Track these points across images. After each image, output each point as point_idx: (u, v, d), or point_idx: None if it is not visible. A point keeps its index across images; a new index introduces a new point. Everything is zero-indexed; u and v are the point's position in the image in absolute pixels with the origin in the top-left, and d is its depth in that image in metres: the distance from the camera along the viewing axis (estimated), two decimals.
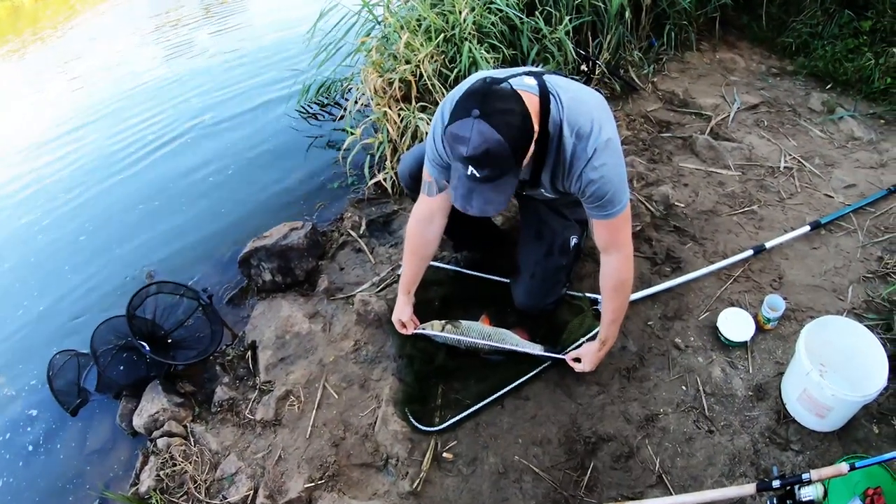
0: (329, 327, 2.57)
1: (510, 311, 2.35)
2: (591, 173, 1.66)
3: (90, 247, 3.54)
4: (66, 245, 3.61)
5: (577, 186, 1.73)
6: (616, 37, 3.66)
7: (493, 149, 1.41)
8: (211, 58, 5.78)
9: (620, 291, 1.94)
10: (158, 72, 5.71)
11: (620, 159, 1.73)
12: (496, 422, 2.12)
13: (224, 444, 2.27)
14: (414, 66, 3.08)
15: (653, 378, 2.20)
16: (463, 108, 1.44)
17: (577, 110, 1.65)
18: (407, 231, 2.11)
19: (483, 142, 1.40)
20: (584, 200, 1.78)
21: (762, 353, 2.25)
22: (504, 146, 1.42)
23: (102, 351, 2.54)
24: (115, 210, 3.79)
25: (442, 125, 1.76)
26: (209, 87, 5.08)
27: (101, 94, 5.59)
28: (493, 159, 1.43)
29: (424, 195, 2.00)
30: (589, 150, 1.64)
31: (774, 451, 1.97)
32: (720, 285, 2.49)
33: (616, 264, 1.88)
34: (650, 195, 2.87)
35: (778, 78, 3.82)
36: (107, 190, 4.00)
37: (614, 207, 1.74)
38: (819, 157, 3.12)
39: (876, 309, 2.36)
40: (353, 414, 2.24)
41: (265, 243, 2.79)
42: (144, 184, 3.97)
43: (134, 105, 5.09)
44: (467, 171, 1.46)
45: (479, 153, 1.41)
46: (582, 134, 1.64)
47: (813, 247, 2.63)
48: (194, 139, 4.36)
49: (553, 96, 1.62)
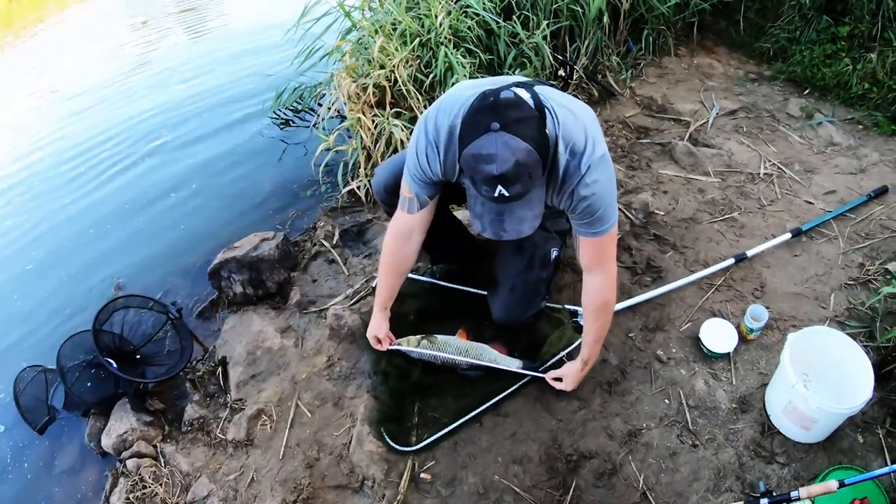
0: (301, 342, 2.49)
1: (488, 325, 2.28)
2: (584, 190, 1.60)
3: (59, 259, 3.43)
4: (35, 258, 3.49)
5: (567, 203, 1.66)
6: (594, 42, 3.62)
7: (522, 160, 1.35)
8: (182, 64, 5.63)
9: (603, 312, 1.88)
10: (126, 79, 5.55)
11: (612, 176, 1.68)
12: (475, 440, 2.05)
13: (195, 466, 2.18)
14: (388, 71, 3.02)
15: (635, 392, 2.15)
16: (478, 125, 1.37)
17: (572, 125, 1.59)
18: (384, 247, 2.02)
19: (511, 154, 1.34)
20: (573, 217, 1.72)
21: (745, 364, 2.21)
22: (533, 154, 1.36)
23: (70, 367, 2.44)
24: (84, 222, 3.67)
25: (425, 138, 1.69)
26: (179, 96, 4.94)
27: (68, 103, 5.43)
28: (523, 172, 1.36)
29: (403, 212, 1.91)
30: (583, 167, 1.58)
31: (760, 464, 1.94)
32: (702, 295, 2.45)
33: (600, 285, 1.82)
34: (629, 203, 2.83)
35: (756, 83, 3.81)
36: (75, 202, 3.87)
37: (603, 225, 1.68)
38: (799, 164, 3.10)
39: (858, 316, 2.34)
40: (327, 433, 2.16)
41: (235, 254, 2.70)
42: (113, 195, 3.85)
43: (103, 112, 4.96)
44: (495, 193, 1.39)
45: (509, 168, 1.34)
46: (576, 150, 1.58)
47: (794, 254, 2.61)
48: (163, 148, 4.23)
49: (548, 110, 1.55)
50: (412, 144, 1.75)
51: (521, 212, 1.46)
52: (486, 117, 1.36)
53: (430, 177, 1.75)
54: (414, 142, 1.74)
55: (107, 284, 3.14)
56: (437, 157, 1.69)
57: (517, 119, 1.36)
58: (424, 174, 1.74)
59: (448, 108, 1.63)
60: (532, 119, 1.40)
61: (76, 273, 3.29)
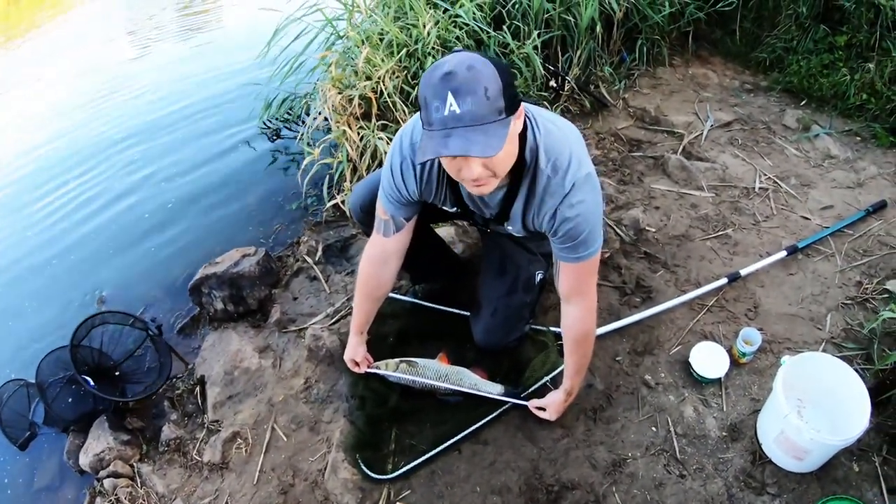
0: (280, 363, 2.42)
1: (469, 347, 2.20)
2: (568, 211, 1.51)
3: (41, 273, 3.38)
4: (17, 271, 3.46)
5: (549, 224, 1.58)
6: (586, 52, 3.55)
7: (479, 67, 1.20)
8: (168, 73, 5.56)
9: (583, 343, 1.81)
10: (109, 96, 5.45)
11: (599, 196, 1.58)
12: (453, 469, 1.97)
13: (171, 488, 2.13)
14: (374, 82, 2.95)
15: (620, 419, 2.07)
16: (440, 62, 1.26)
17: (556, 138, 1.50)
18: (359, 272, 1.95)
19: (468, 60, 1.20)
20: (554, 240, 1.62)
21: (737, 390, 2.13)
22: (493, 71, 1.22)
23: (50, 383, 2.40)
24: (64, 236, 3.62)
25: (400, 155, 1.61)
26: (163, 107, 4.86)
27: (51, 108, 5.42)
28: (478, 84, 1.19)
29: (379, 235, 1.83)
30: (566, 184, 1.48)
31: (750, 495, 1.86)
32: (693, 316, 2.37)
33: (579, 315, 1.74)
34: (620, 219, 2.75)
35: (752, 94, 3.74)
36: (57, 214, 3.82)
37: (587, 250, 1.58)
38: (795, 177, 3.03)
39: (855, 338, 2.26)
40: (302, 458, 2.09)
41: (216, 270, 2.64)
42: (95, 208, 3.79)
43: (86, 121, 4.90)
44: (445, 111, 1.20)
45: (462, 69, 1.19)
46: (559, 167, 1.48)
47: (790, 273, 2.53)
48: (144, 160, 4.16)
49: (530, 120, 1.47)
50: (387, 164, 1.67)
51: (472, 134, 1.22)
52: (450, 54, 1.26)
53: (406, 197, 1.67)
54: (388, 161, 1.66)
55: (90, 298, 3.10)
56: (413, 174, 1.62)
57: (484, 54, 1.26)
58: (400, 194, 1.67)
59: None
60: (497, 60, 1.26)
61: (59, 286, 3.24)
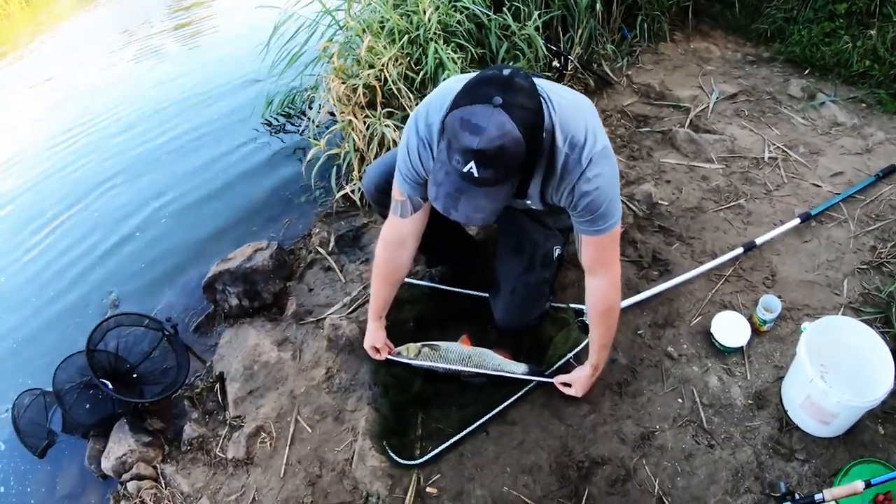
0: (299, 355, 2.41)
1: (490, 329, 2.19)
2: (585, 185, 1.51)
3: (51, 277, 3.37)
4: (28, 276, 3.45)
5: (568, 200, 1.57)
6: (587, 30, 3.53)
7: (509, 147, 1.24)
8: (169, 75, 5.54)
9: (608, 316, 1.80)
10: (113, 89, 5.50)
11: (615, 169, 1.58)
12: (481, 451, 1.97)
13: (195, 486, 2.12)
14: (378, 70, 2.93)
15: (646, 392, 2.07)
16: (480, 93, 1.26)
17: (570, 116, 1.49)
18: (376, 256, 1.94)
19: (500, 136, 1.22)
20: (574, 214, 1.62)
21: (759, 358, 2.13)
22: (521, 148, 1.26)
23: (66, 389, 2.39)
24: (74, 238, 3.61)
25: (416, 137, 1.60)
26: (165, 107, 4.86)
27: (64, 105, 5.43)
28: (503, 160, 1.26)
29: (395, 216, 1.81)
30: (584, 160, 1.48)
31: (779, 462, 1.86)
32: (711, 287, 2.37)
33: (604, 288, 1.73)
34: (632, 194, 2.74)
35: (755, 66, 3.72)
36: (66, 218, 3.81)
37: (607, 222, 1.58)
38: (803, 146, 3.02)
39: (873, 302, 2.26)
40: (328, 449, 2.08)
41: (229, 266, 2.63)
42: (102, 212, 3.78)
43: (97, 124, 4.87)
44: (464, 168, 1.27)
45: (492, 148, 1.23)
46: (576, 143, 1.48)
47: (804, 240, 2.52)
48: (153, 159, 4.15)
49: (544, 99, 1.45)
50: (402, 144, 1.66)
51: (481, 200, 1.34)
52: (493, 89, 1.25)
53: (422, 176, 1.66)
54: (405, 141, 1.65)
55: (102, 300, 3.09)
56: (430, 155, 1.60)
57: (522, 106, 1.26)
58: (417, 174, 1.66)
59: (438, 104, 1.54)
60: (535, 115, 1.31)
61: (71, 292, 3.23)
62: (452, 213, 1.36)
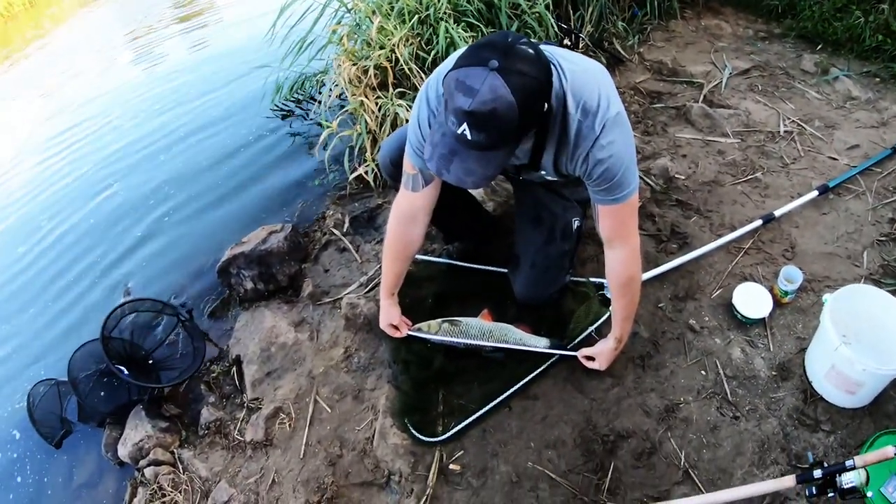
0: (316, 335, 2.40)
1: (510, 304, 2.18)
2: (599, 153, 1.48)
3: (64, 266, 3.38)
4: (40, 267, 3.46)
5: (583, 168, 1.54)
6: (597, 8, 3.50)
7: (501, 111, 1.22)
8: (178, 64, 5.58)
9: (629, 287, 1.78)
10: (126, 79, 5.53)
11: (630, 135, 1.55)
12: (504, 426, 1.96)
13: (214, 470, 2.11)
14: (388, 51, 2.91)
15: (669, 365, 2.05)
16: (478, 56, 1.24)
17: (582, 81, 1.46)
18: (388, 231, 1.94)
19: (493, 99, 1.20)
20: (589, 183, 1.60)
21: (781, 329, 2.11)
22: (514, 112, 1.22)
23: (82, 378, 2.36)
24: (88, 227, 3.62)
25: (427, 108, 1.58)
26: (178, 95, 4.86)
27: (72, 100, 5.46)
28: (495, 124, 1.24)
29: (407, 190, 1.80)
30: (597, 126, 1.45)
31: (805, 433, 1.85)
32: (731, 259, 2.34)
33: (623, 259, 1.71)
34: (648, 169, 2.72)
35: (766, 42, 3.68)
36: (79, 208, 3.82)
37: (623, 191, 1.55)
38: (819, 120, 2.99)
39: (893, 273, 2.24)
40: (348, 428, 2.07)
41: (244, 250, 2.62)
42: (115, 199, 3.78)
43: (105, 121, 4.88)
44: (458, 130, 1.26)
45: (483, 111, 1.21)
46: (588, 109, 1.45)
47: (822, 212, 2.50)
48: (165, 148, 4.16)
49: (554, 66, 1.42)
50: (413, 117, 1.64)
51: (472, 164, 1.33)
52: (492, 53, 1.23)
53: None
54: (415, 113, 1.63)
55: (115, 288, 3.08)
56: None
57: (520, 72, 1.23)
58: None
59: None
60: (536, 82, 1.27)
61: (83, 279, 3.24)
62: (444, 173, 1.36)
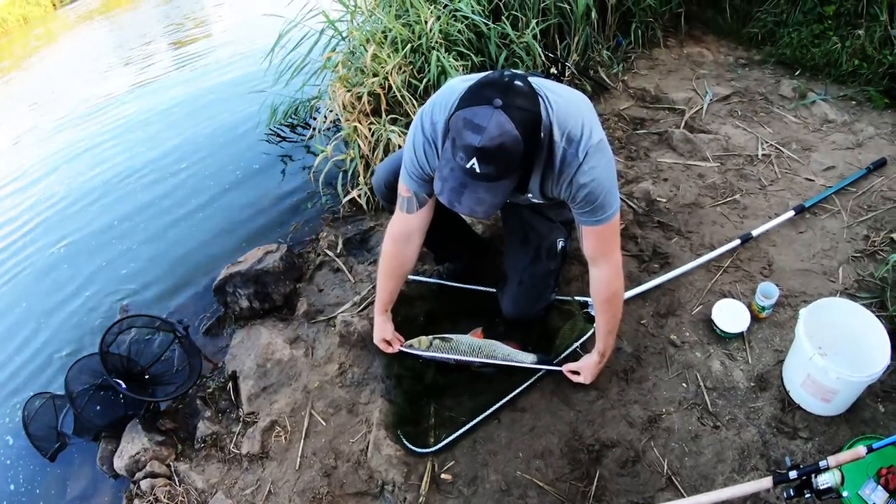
0: (311, 352, 2.47)
1: (499, 322, 2.26)
2: (582, 178, 1.58)
3: (61, 283, 3.42)
4: (36, 284, 3.50)
5: (567, 192, 1.65)
6: (583, 37, 3.63)
7: (508, 145, 1.34)
8: (173, 89, 5.68)
9: (613, 303, 1.87)
10: (123, 107, 5.59)
11: (611, 161, 1.66)
12: (494, 437, 2.03)
13: (210, 482, 2.16)
14: (382, 78, 3.02)
15: (651, 378, 2.13)
16: (481, 95, 1.36)
17: (567, 112, 1.57)
18: (383, 251, 2.01)
19: (500, 135, 1.33)
20: (573, 206, 1.70)
21: (760, 343, 2.19)
22: (519, 145, 1.35)
23: (78, 392, 2.41)
24: (85, 246, 3.67)
25: (422, 135, 1.68)
26: (174, 119, 4.97)
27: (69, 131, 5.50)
28: (503, 157, 1.36)
29: (402, 212, 1.89)
30: (580, 153, 1.56)
31: (783, 440, 1.92)
32: (710, 277, 2.43)
33: (606, 276, 1.80)
34: (631, 192, 2.82)
35: (747, 68, 3.81)
36: (76, 227, 3.87)
37: (605, 212, 1.66)
38: (796, 143, 3.10)
39: (868, 288, 2.32)
40: (343, 441, 2.13)
41: (240, 269, 2.69)
42: (113, 218, 3.85)
43: (103, 142, 4.96)
44: (467, 164, 1.38)
45: (492, 146, 1.33)
46: (573, 137, 1.56)
47: (799, 231, 2.59)
48: (163, 170, 4.23)
49: (542, 98, 1.53)
50: (409, 142, 1.74)
51: (483, 193, 1.44)
52: (494, 92, 1.35)
53: (427, 173, 1.73)
54: (410, 140, 1.73)
55: (111, 307, 3.13)
56: (435, 152, 1.68)
57: (521, 107, 1.36)
58: (423, 171, 1.73)
59: (443, 104, 1.63)
60: (533, 115, 1.40)
61: (79, 297, 3.28)
62: (456, 205, 1.46)
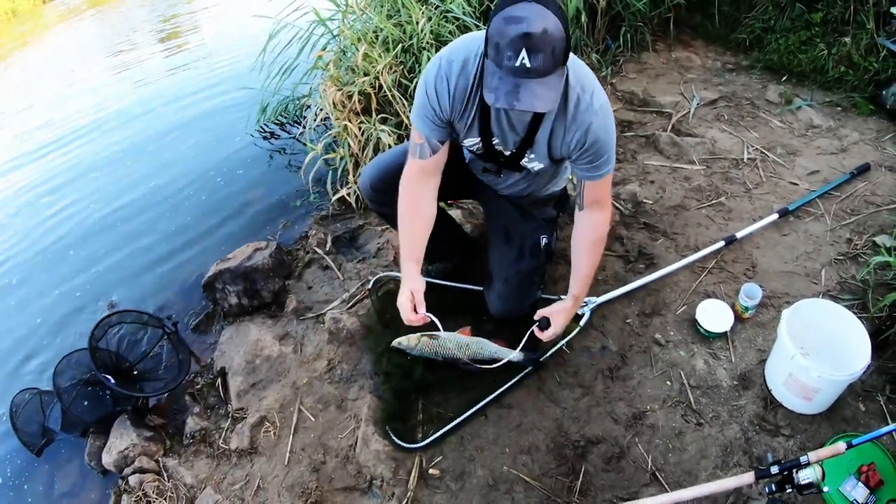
0: (300, 348, 2.48)
1: (486, 320, 2.27)
2: (598, 129, 1.66)
3: (48, 280, 3.41)
4: (23, 281, 3.48)
5: (579, 141, 1.70)
6: (573, 41, 3.63)
7: (550, 30, 1.37)
8: (163, 85, 5.66)
9: (598, 245, 1.94)
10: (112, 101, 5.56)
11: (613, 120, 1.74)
12: (481, 433, 2.05)
13: (199, 478, 2.17)
14: (373, 77, 3.04)
15: (636, 376, 2.16)
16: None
17: (580, 64, 1.66)
18: (400, 197, 1.91)
19: (542, 21, 1.36)
20: (580, 159, 1.75)
21: (743, 342, 2.23)
22: (561, 31, 1.39)
23: (66, 387, 2.40)
24: (72, 241, 3.67)
25: (437, 73, 1.71)
26: (163, 116, 4.96)
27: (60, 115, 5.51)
28: (549, 42, 1.37)
29: (415, 159, 1.87)
30: (595, 104, 1.64)
31: (765, 437, 1.95)
32: (695, 278, 2.47)
33: (597, 220, 1.89)
34: (618, 194, 2.85)
35: (734, 73, 3.85)
36: (63, 220, 3.88)
37: (608, 166, 1.75)
38: (781, 147, 3.14)
39: (850, 290, 2.37)
40: (331, 436, 2.15)
41: (229, 266, 2.70)
42: (103, 213, 3.84)
43: (88, 134, 4.96)
44: (517, 62, 1.38)
45: (537, 31, 1.35)
46: (587, 87, 1.64)
47: (783, 234, 2.64)
48: (152, 165, 4.24)
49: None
50: (421, 84, 1.76)
51: (537, 88, 1.43)
52: None
53: (438, 115, 1.75)
54: (423, 80, 1.74)
55: (99, 303, 3.13)
56: (447, 88, 1.70)
57: (553, 2, 1.40)
58: (434, 111, 1.75)
59: (461, 46, 1.70)
60: (564, 15, 1.43)
61: (66, 293, 3.28)
62: (515, 104, 1.43)
